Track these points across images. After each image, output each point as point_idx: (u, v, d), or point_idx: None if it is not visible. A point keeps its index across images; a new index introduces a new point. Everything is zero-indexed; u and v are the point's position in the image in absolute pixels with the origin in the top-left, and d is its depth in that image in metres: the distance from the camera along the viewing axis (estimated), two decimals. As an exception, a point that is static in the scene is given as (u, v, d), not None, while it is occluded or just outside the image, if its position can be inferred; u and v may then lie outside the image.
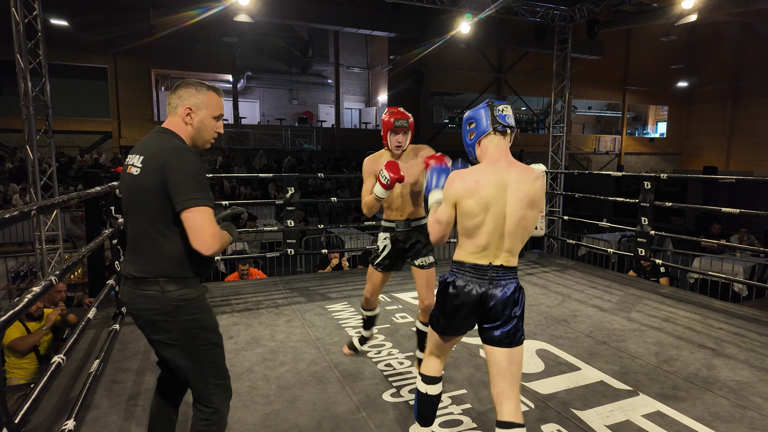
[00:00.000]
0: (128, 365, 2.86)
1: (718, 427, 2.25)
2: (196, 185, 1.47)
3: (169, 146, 1.53)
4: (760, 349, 3.15)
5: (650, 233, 4.53)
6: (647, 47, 19.64)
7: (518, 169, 1.70)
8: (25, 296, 1.30)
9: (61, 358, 1.64)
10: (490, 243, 1.70)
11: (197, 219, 1.47)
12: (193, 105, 1.59)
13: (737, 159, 19.07)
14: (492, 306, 1.70)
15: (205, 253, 1.49)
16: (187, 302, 1.55)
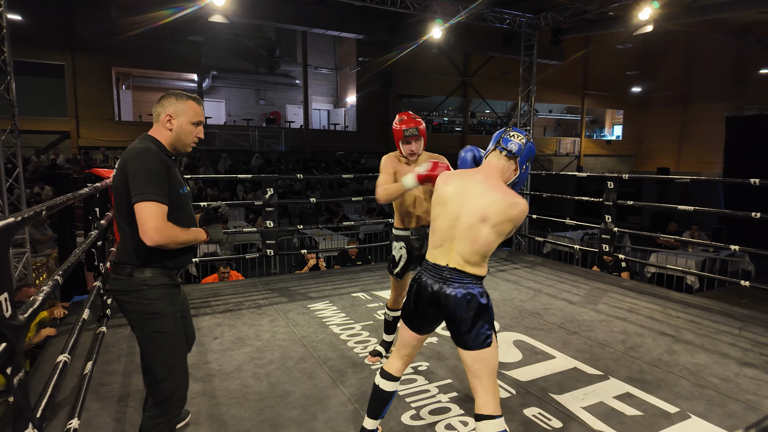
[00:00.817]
0: (113, 368, 2.83)
1: (680, 404, 2.46)
2: (146, 181, 1.60)
3: (135, 147, 1.69)
4: (713, 335, 3.43)
5: (614, 230, 4.81)
6: (605, 54, 20.53)
7: (491, 186, 1.73)
8: (39, 296, 1.33)
9: (67, 357, 1.65)
10: (444, 241, 1.78)
11: (142, 212, 1.58)
12: (172, 112, 1.75)
13: (687, 160, 20.19)
14: (446, 305, 1.75)
15: (148, 244, 1.59)
16: (147, 288, 1.67)
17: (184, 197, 1.77)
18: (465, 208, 1.72)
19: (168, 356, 1.71)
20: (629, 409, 2.41)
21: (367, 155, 17.31)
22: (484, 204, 1.70)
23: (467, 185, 1.76)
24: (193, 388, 2.60)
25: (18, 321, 1.11)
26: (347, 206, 11.77)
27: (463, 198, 1.74)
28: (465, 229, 1.72)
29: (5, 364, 1.01)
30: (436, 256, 1.80)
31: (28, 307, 1.22)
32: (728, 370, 2.87)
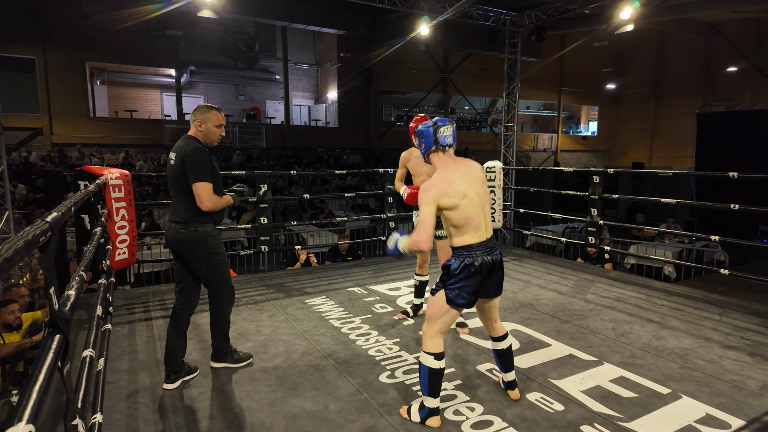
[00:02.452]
0: (118, 365, 2.82)
1: (671, 385, 2.61)
2: (201, 168, 2.48)
3: (189, 144, 2.55)
4: (696, 321, 3.62)
5: (599, 223, 4.99)
6: (580, 51, 20.98)
7: (463, 163, 2.28)
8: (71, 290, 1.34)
9: (92, 352, 1.66)
10: (481, 220, 2.19)
11: (199, 189, 2.48)
12: (201, 120, 2.57)
13: (659, 155, 20.85)
14: (498, 268, 2.24)
15: (204, 210, 2.52)
16: (210, 237, 2.60)
17: (220, 175, 2.65)
18: (472, 186, 2.19)
19: (226, 273, 2.71)
20: (625, 392, 2.54)
21: (350, 151, 17.30)
22: (475, 174, 2.26)
23: (460, 174, 2.20)
24: (201, 383, 2.63)
25: (66, 314, 1.13)
26: (332, 202, 11.77)
27: (468, 182, 2.18)
28: (481, 198, 2.21)
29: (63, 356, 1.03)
30: (480, 236, 2.19)
31: (66, 302, 1.24)
32: (712, 353, 3.04)
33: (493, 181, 6.08)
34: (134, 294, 4.31)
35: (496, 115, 23.19)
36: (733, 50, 17.13)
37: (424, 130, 2.25)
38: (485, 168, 6.11)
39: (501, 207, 6.13)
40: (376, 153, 17.65)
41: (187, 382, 2.64)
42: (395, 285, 4.57)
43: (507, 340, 2.41)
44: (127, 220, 3.95)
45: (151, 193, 10.97)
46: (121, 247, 3.90)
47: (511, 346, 2.44)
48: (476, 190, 2.19)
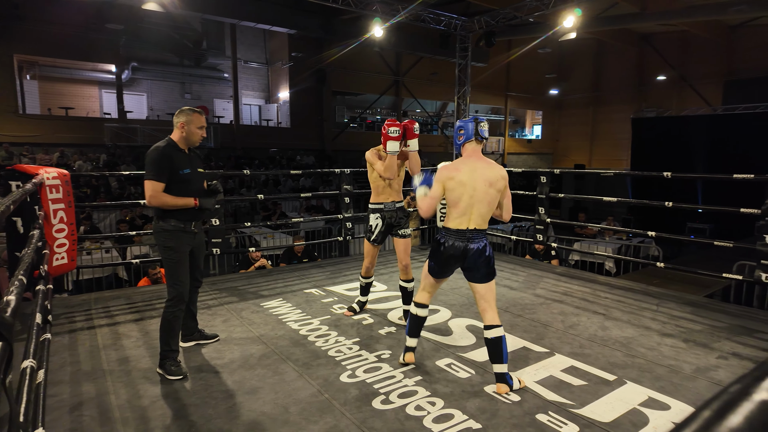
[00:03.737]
0: (59, 377, 2.64)
1: (617, 372, 2.77)
2: (150, 167, 2.61)
3: (153, 145, 2.68)
4: (637, 311, 3.86)
5: (547, 221, 5.21)
6: (526, 58, 21.81)
7: (484, 162, 2.58)
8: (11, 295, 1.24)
9: (32, 362, 1.54)
10: (466, 210, 2.51)
11: (145, 186, 2.62)
12: (185, 121, 2.72)
13: (598, 158, 22.05)
14: (469, 257, 2.54)
15: (147, 205, 2.69)
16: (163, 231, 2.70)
17: (185, 176, 2.70)
18: (478, 182, 2.49)
19: (173, 271, 2.72)
20: (575, 380, 2.67)
21: (303, 152, 17.08)
22: (488, 175, 2.52)
23: (472, 168, 2.52)
24: (152, 391, 2.52)
25: (8, 320, 1.05)
26: (285, 204, 11.58)
27: (474, 176, 2.50)
28: (481, 195, 2.51)
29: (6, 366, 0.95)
30: (459, 223, 2.54)
31: (6, 307, 1.15)
32: (652, 340, 3.25)
33: (446, 182, 6.19)
34: (74, 302, 4.05)
35: (446, 118, 23.67)
36: (662, 60, 18.42)
37: (466, 124, 2.61)
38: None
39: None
40: (330, 154, 17.53)
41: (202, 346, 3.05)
42: (353, 285, 4.55)
43: (491, 331, 2.55)
44: (66, 223, 3.71)
45: (90, 195, 10.34)
46: (60, 251, 3.65)
47: (498, 339, 2.51)
48: (478, 186, 2.49)
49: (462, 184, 2.48)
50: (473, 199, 2.49)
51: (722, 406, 0.42)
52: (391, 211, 3.47)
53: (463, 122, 2.63)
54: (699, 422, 0.40)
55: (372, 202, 3.51)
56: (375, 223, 3.48)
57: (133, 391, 2.51)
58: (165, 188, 2.64)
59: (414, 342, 2.79)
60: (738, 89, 15.61)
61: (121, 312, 3.77)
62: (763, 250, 3.75)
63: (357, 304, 3.77)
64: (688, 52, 17.70)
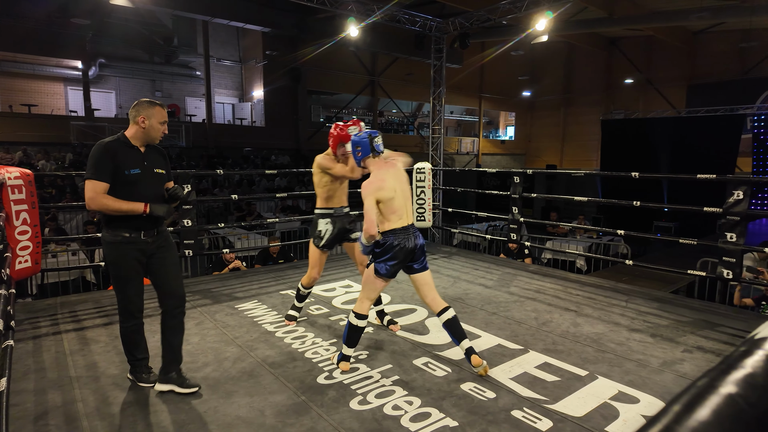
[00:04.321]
0: (22, 386, 2.54)
1: (588, 367, 2.84)
2: (89, 165, 2.31)
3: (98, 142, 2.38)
4: (607, 308, 3.96)
5: (520, 220, 5.30)
6: (499, 60, 22.13)
7: (391, 164, 2.88)
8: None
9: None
10: (403, 211, 2.79)
11: (85, 186, 2.30)
12: (146, 115, 2.40)
13: (569, 159, 22.56)
14: (416, 251, 2.79)
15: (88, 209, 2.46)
16: (105, 243, 2.42)
17: (133, 176, 2.35)
18: (399, 183, 2.80)
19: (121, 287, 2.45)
20: (549, 376, 2.72)
21: (278, 152, 16.89)
22: (401, 174, 2.89)
23: (390, 173, 2.80)
24: (124, 398, 2.45)
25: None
26: (260, 204, 11.43)
27: (396, 180, 2.79)
28: (408, 195, 2.85)
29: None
30: (402, 222, 2.77)
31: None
32: (621, 336, 3.35)
33: (423, 182, 6.24)
34: (39, 306, 3.90)
35: (422, 119, 23.80)
36: (629, 64, 18.98)
37: (361, 141, 2.82)
38: (416, 169, 6.26)
39: (431, 207, 6.31)
40: (306, 154, 17.39)
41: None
42: (330, 286, 4.54)
43: (447, 313, 2.77)
44: (30, 225, 3.56)
45: (56, 195, 9.98)
46: (23, 254, 3.51)
47: (455, 317, 2.77)
48: (402, 188, 2.81)
49: (393, 190, 2.74)
50: (403, 198, 2.80)
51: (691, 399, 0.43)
52: (342, 216, 3.44)
53: (358, 138, 2.83)
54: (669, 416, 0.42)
55: (320, 208, 3.39)
56: (325, 228, 3.36)
57: (102, 398, 2.44)
58: (109, 190, 2.29)
59: (352, 351, 2.80)
60: (700, 93, 16.23)
61: (88, 316, 3.65)
62: (725, 247, 3.91)
63: (294, 309, 3.54)
64: (654, 56, 18.29)
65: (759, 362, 0.47)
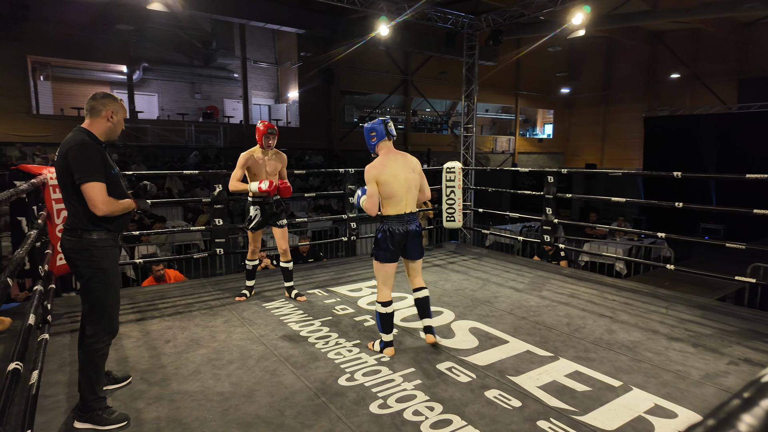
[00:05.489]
0: (57, 378, 2.64)
1: (622, 378, 2.69)
2: (87, 166, 2.08)
3: (74, 139, 2.14)
4: (645, 314, 3.76)
5: (554, 221, 5.12)
6: (536, 56, 21.61)
7: (400, 154, 2.99)
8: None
9: (18, 364, 1.52)
10: (402, 198, 2.90)
11: (89, 191, 2.08)
12: (114, 109, 2.25)
13: (610, 158, 21.77)
14: (410, 237, 2.94)
15: (98, 215, 2.11)
16: (94, 248, 2.15)
17: (115, 177, 2.23)
18: (403, 171, 2.90)
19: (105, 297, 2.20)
20: (579, 386, 2.60)
21: (312, 152, 17.09)
22: (408, 163, 2.96)
23: (395, 161, 2.91)
24: (148, 393, 2.50)
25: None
26: (293, 203, 11.59)
27: (399, 167, 2.90)
28: (409, 182, 2.92)
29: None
30: (398, 210, 2.90)
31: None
32: (659, 344, 3.17)
33: (453, 182, 6.14)
34: (78, 301, 4.05)
35: (456, 118, 23.52)
36: (674, 58, 18.11)
37: (376, 126, 2.96)
38: (445, 168, 6.16)
39: (461, 207, 6.20)
40: (338, 154, 17.53)
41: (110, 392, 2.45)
42: (356, 286, 4.53)
43: (422, 291, 3.09)
44: (70, 223, 3.71)
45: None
46: (63, 251, 3.66)
47: (426, 297, 3.08)
48: (406, 176, 2.90)
49: (395, 176, 2.86)
50: (405, 186, 2.89)
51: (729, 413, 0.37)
52: (269, 203, 3.87)
53: (372, 125, 2.97)
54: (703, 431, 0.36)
55: (250, 196, 3.84)
56: (254, 214, 3.85)
57: (129, 393, 2.50)
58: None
59: (391, 336, 2.99)
60: (753, 87, 15.28)
61: (123, 312, 3.75)
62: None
63: (246, 289, 4.10)
64: (701, 49, 17.38)
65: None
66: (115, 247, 2.25)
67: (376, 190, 2.84)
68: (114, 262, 2.24)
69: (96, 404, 2.19)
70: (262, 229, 3.98)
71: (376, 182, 2.84)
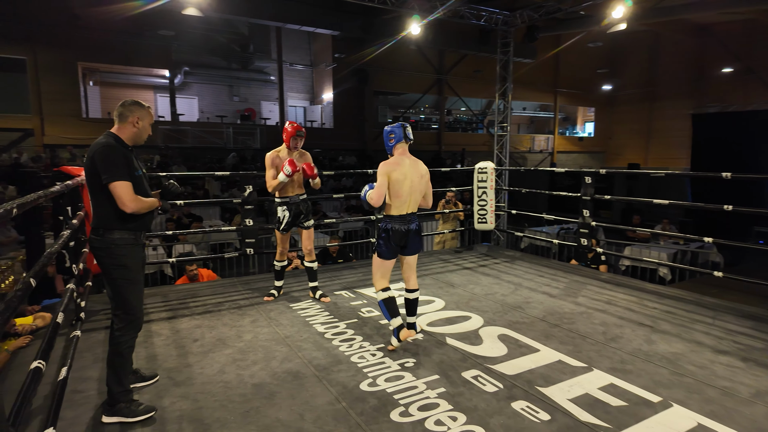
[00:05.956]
0: (88, 374, 2.72)
1: (661, 392, 2.52)
2: (114, 166, 2.19)
3: (100, 143, 2.25)
4: (688, 324, 3.53)
5: (591, 224, 4.91)
6: (575, 52, 20.94)
7: (413, 159, 3.14)
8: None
9: (40, 363, 1.56)
10: (407, 198, 3.05)
11: (117, 190, 2.19)
12: (140, 116, 2.37)
13: (654, 157, 20.81)
14: (410, 236, 3.07)
15: (127, 212, 2.22)
16: (115, 246, 2.25)
17: (139, 178, 2.33)
18: (412, 175, 3.05)
19: (130, 293, 2.28)
20: (614, 400, 2.45)
21: (345, 152, 17.20)
22: (417, 168, 3.10)
23: (406, 162, 3.06)
24: (173, 392, 2.53)
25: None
26: (326, 204, 11.68)
27: (408, 169, 3.05)
28: (416, 185, 3.08)
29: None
30: (401, 210, 3.06)
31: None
32: (704, 357, 2.95)
33: (485, 182, 6.00)
34: (115, 298, 4.20)
35: (492, 117, 23.09)
36: (725, 51, 17.11)
37: (395, 129, 3.13)
38: (477, 169, 6.03)
39: (493, 208, 6.04)
40: (371, 154, 17.55)
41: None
42: (383, 288, 4.47)
43: (415, 293, 3.20)
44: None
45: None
46: (100, 250, 3.78)
47: (417, 299, 3.21)
48: (413, 178, 3.05)
49: (405, 176, 3.03)
50: (411, 188, 3.05)
51: None
52: (296, 203, 3.93)
53: (392, 128, 3.14)
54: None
55: (277, 197, 3.93)
56: (282, 215, 3.92)
57: (156, 391, 2.54)
58: None
59: (400, 320, 3.07)
60: (815, 81, 14.22)
61: (155, 309, 3.87)
62: (840, 260, 3.33)
63: (275, 289, 4.17)
64: (755, 42, 16.32)
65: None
66: (137, 245, 2.34)
67: (386, 184, 3.00)
68: (136, 260, 2.33)
69: (123, 396, 2.26)
70: (290, 230, 4.04)
71: (388, 177, 3.00)
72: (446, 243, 6.86)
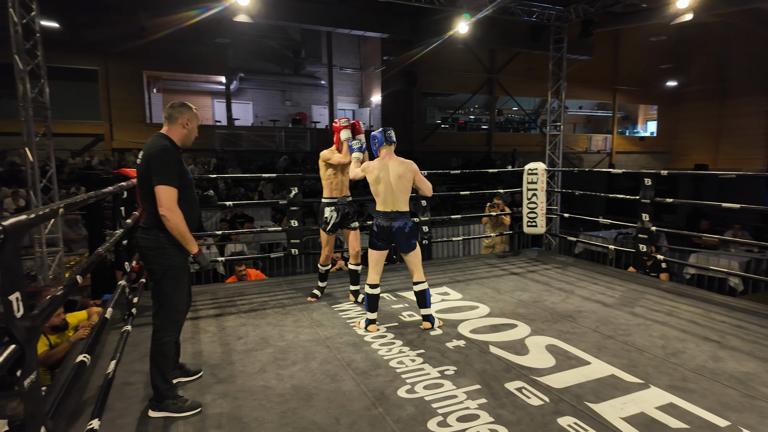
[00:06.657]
0: (139, 367, 2.83)
1: (729, 416, 2.28)
2: (164, 170, 2.20)
3: (155, 144, 2.28)
4: (762, 340, 3.20)
5: (651, 229, 4.59)
6: (636, 47, 19.90)
7: (396, 161, 3.39)
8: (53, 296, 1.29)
9: (86, 356, 1.62)
10: (386, 198, 3.35)
11: (160, 193, 2.20)
12: (189, 117, 2.41)
13: (725, 157, 19.34)
14: (393, 233, 3.35)
15: (159, 213, 2.20)
16: (166, 244, 2.27)
17: (188, 180, 2.36)
18: (390, 176, 3.33)
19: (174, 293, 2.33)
20: (673, 421, 2.25)
21: (392, 154, 17.21)
22: (396, 170, 3.35)
23: (384, 165, 3.35)
24: (215, 389, 2.58)
25: (30, 322, 1.06)
26: (371, 205, 11.71)
27: (385, 172, 3.34)
28: (394, 186, 3.33)
29: (15, 366, 0.97)
30: (384, 207, 3.36)
31: (40, 309, 1.18)
32: (781, 379, 2.66)
33: (535, 184, 5.77)
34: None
35: (546, 116, 22.36)
36: (811, 41, 15.63)
37: (378, 134, 3.46)
38: (527, 170, 5.82)
39: (544, 211, 5.80)
40: (419, 156, 17.47)
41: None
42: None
43: (418, 286, 3.40)
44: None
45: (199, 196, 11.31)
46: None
47: (422, 291, 3.39)
48: (387, 179, 3.32)
49: (378, 179, 3.31)
50: (388, 190, 3.32)
51: None
52: (344, 205, 3.97)
53: (375, 133, 3.45)
54: None
55: (325, 197, 3.97)
56: (330, 215, 3.94)
57: (199, 387, 2.60)
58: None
59: (375, 315, 3.41)
60: None
61: (204, 307, 4.00)
62: None
63: (318, 289, 4.21)
64: None
65: None
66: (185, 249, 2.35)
67: (359, 171, 3.46)
68: (183, 260, 2.36)
69: (169, 393, 2.32)
70: (336, 232, 4.06)
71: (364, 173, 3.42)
72: (496, 247, 6.66)
